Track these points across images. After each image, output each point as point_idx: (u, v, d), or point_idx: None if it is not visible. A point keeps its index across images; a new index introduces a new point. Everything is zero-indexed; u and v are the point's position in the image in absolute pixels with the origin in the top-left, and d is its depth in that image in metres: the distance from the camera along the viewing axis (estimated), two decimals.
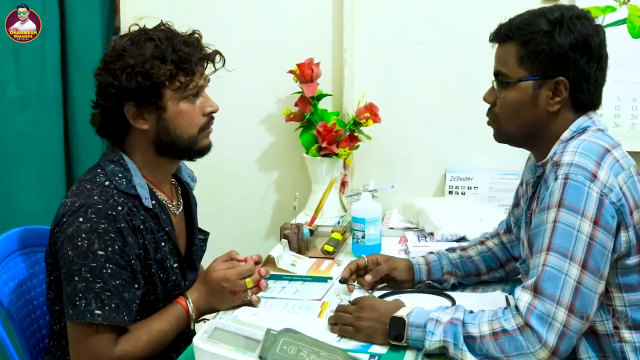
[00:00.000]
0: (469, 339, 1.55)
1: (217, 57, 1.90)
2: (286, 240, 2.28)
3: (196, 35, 1.87)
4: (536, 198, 1.70)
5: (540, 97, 1.68)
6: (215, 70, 1.90)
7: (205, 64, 1.87)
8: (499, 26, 1.74)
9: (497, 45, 1.75)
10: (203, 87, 1.87)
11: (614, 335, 1.62)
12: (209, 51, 1.87)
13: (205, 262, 2.04)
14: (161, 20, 1.88)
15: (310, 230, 2.41)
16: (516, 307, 1.53)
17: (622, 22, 2.61)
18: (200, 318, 1.87)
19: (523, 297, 1.53)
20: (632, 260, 1.61)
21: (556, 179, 1.58)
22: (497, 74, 1.74)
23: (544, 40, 1.66)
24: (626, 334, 1.62)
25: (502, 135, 1.77)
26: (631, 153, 2.63)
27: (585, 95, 1.69)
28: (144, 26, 1.86)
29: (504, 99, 1.72)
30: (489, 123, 1.80)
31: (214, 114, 1.89)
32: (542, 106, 1.69)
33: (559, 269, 1.52)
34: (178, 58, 1.79)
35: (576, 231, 1.53)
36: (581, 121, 1.69)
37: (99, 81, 1.81)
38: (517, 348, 1.51)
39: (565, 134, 1.68)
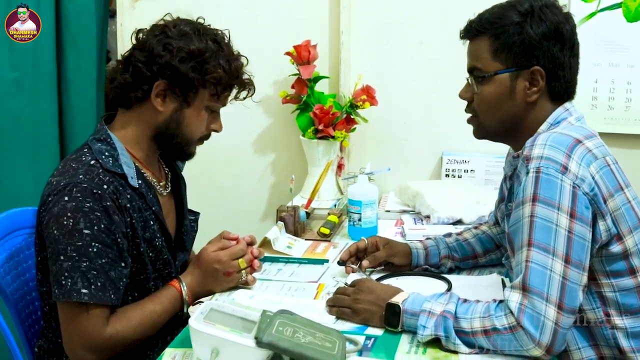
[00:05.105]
0: (461, 333, 1.54)
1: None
2: (282, 223, 2.27)
3: (244, 58, 1.91)
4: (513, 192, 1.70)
5: (518, 88, 1.69)
6: (237, 99, 1.93)
7: (240, 89, 1.91)
8: (468, 22, 1.75)
9: (467, 42, 1.75)
10: (223, 106, 1.92)
11: (605, 322, 1.62)
12: (249, 79, 1.92)
13: (198, 243, 2.03)
14: (205, 22, 1.90)
15: (306, 212, 2.41)
16: (507, 306, 1.52)
17: (618, 6, 2.65)
18: (196, 301, 1.87)
19: (513, 296, 1.52)
20: (615, 248, 1.60)
21: (527, 173, 1.57)
22: (471, 69, 1.75)
23: (516, 32, 1.66)
24: (617, 320, 1.62)
25: (482, 131, 1.79)
26: (625, 135, 2.67)
27: (562, 83, 1.69)
28: (199, 20, 1.88)
29: (482, 93, 1.73)
30: (469, 121, 1.80)
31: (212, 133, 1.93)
32: (520, 97, 1.69)
33: (543, 265, 1.51)
34: (232, 71, 1.83)
35: (555, 225, 1.52)
36: (558, 113, 1.69)
37: (149, 46, 1.80)
38: (509, 346, 1.51)
39: (543, 127, 1.69)
